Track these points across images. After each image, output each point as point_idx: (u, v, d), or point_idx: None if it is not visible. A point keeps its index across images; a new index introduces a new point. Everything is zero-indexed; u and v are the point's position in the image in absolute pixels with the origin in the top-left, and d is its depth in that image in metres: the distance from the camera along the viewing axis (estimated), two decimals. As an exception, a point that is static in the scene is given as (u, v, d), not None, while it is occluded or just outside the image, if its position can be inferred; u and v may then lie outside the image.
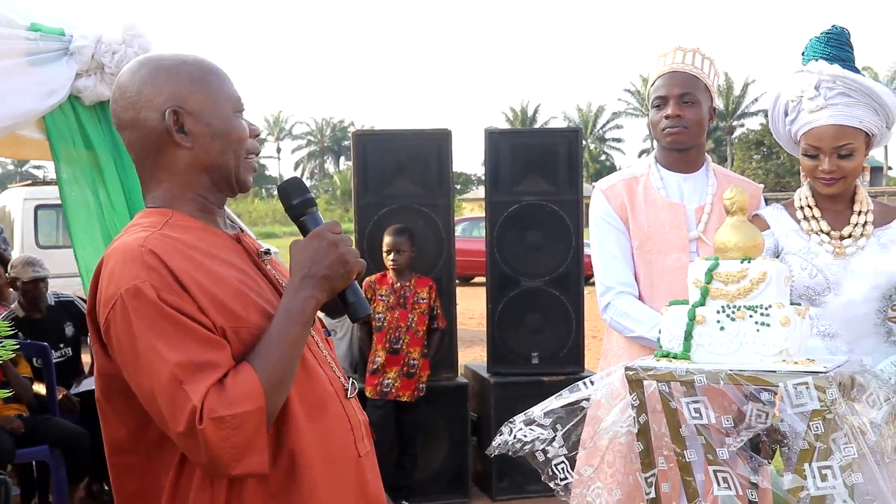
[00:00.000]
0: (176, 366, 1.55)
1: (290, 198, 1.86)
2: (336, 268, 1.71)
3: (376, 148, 5.75)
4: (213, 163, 1.79)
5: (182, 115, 1.75)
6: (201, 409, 1.53)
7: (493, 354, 5.85)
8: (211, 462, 1.57)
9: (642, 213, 3.07)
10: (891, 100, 2.80)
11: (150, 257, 1.61)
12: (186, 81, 1.77)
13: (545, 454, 2.42)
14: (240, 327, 1.66)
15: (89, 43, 4.27)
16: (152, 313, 1.58)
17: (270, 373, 1.61)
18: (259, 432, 1.58)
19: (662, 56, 3.09)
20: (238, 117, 1.82)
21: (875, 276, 2.41)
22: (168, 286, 1.59)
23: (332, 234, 1.74)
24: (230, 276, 1.71)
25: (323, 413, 1.76)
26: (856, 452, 2.15)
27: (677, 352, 2.30)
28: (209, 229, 1.79)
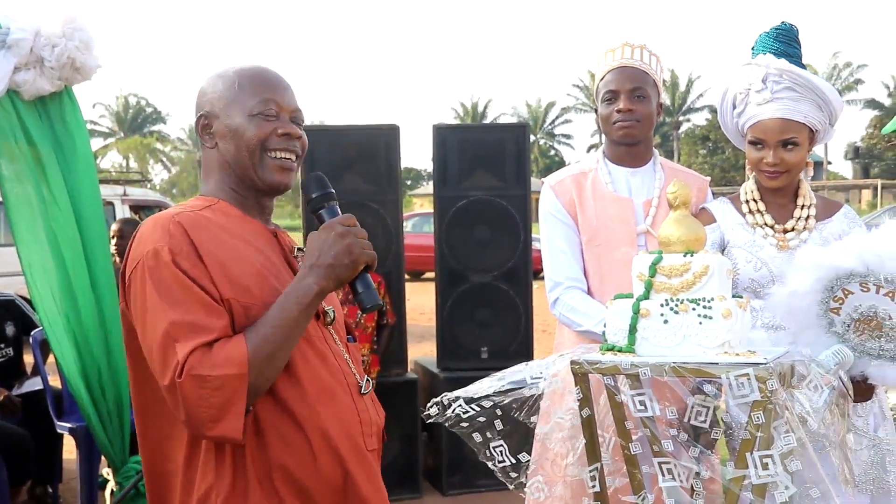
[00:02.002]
0: (172, 324, 1.67)
1: (310, 190, 1.97)
2: (341, 258, 1.80)
3: (324, 144, 5.72)
4: (231, 161, 1.92)
5: (211, 119, 1.93)
6: (184, 364, 1.64)
7: (443, 349, 5.85)
8: (188, 419, 1.68)
9: (591, 208, 3.09)
10: (834, 97, 2.85)
11: (176, 227, 1.75)
12: (219, 87, 1.94)
13: (484, 435, 2.43)
14: (251, 304, 1.77)
15: (27, 36, 4.19)
16: (164, 274, 1.71)
17: (260, 345, 1.69)
18: (238, 397, 1.66)
19: (610, 51, 3.11)
20: (259, 119, 1.91)
21: (817, 268, 2.43)
22: (185, 254, 1.73)
23: (341, 226, 1.84)
24: (254, 259, 1.84)
25: (330, 399, 1.84)
26: (795, 441, 2.18)
27: (622, 345, 2.31)
28: (248, 219, 1.93)
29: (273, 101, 1.93)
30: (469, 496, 5.66)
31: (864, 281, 2.38)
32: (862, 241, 2.44)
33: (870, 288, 2.37)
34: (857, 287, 2.39)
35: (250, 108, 1.91)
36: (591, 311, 2.96)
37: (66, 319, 4.44)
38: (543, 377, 2.42)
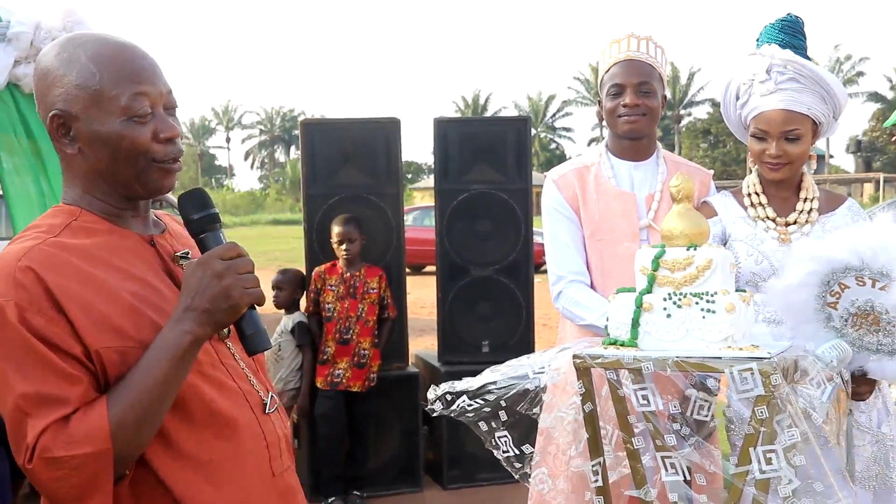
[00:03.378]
0: (21, 396, 1.47)
1: (189, 211, 1.70)
2: (218, 302, 1.56)
3: (325, 137, 5.71)
4: (104, 171, 1.66)
5: (68, 119, 1.63)
6: (34, 447, 1.45)
7: (444, 343, 5.85)
8: (52, 498, 1.52)
9: (593, 203, 3.09)
10: (839, 89, 2.84)
11: (24, 275, 1.50)
12: (74, 78, 1.62)
13: (489, 425, 2.42)
14: (127, 348, 1.55)
15: (27, 29, 4.21)
16: (11, 336, 1.48)
17: (124, 413, 1.49)
18: (102, 474, 1.48)
19: (616, 42, 3.09)
20: (136, 123, 1.63)
21: (812, 261, 2.42)
22: (37, 307, 1.49)
23: (219, 261, 1.59)
24: (125, 291, 1.59)
25: (233, 433, 1.67)
26: (798, 436, 2.18)
27: (625, 339, 2.30)
28: (117, 231, 1.68)
29: (145, 95, 1.64)
30: (469, 490, 5.66)
31: (860, 275, 2.36)
32: (856, 234, 2.43)
33: (865, 282, 2.36)
34: (852, 281, 2.38)
35: (121, 107, 1.61)
36: (594, 306, 2.95)
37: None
38: (546, 370, 2.41)
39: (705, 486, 2.35)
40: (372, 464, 5.60)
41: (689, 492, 2.30)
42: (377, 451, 5.65)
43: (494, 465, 2.49)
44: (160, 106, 1.68)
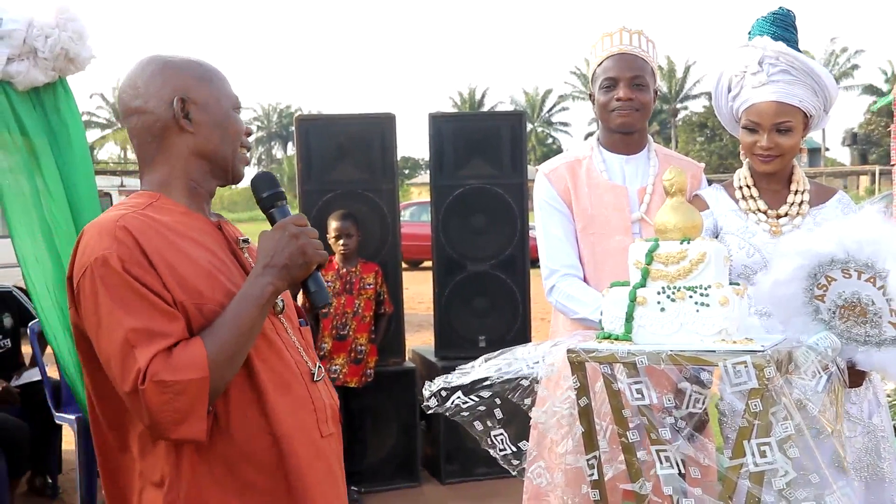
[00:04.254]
0: (130, 331, 1.65)
1: (260, 191, 1.95)
2: (295, 258, 1.81)
3: (320, 133, 5.71)
4: (212, 150, 1.92)
5: (188, 104, 1.88)
6: (145, 371, 1.63)
7: (441, 338, 5.86)
8: (152, 423, 1.68)
9: (585, 196, 3.08)
10: (830, 82, 2.84)
11: (122, 233, 1.72)
12: (193, 77, 1.91)
13: (484, 424, 2.43)
14: (203, 304, 1.76)
15: (20, 26, 4.22)
16: (116, 282, 1.69)
17: (219, 348, 1.70)
18: (200, 401, 1.67)
19: (608, 36, 3.08)
20: (236, 114, 1.96)
21: (799, 255, 2.42)
22: (135, 260, 1.70)
23: (294, 226, 1.85)
24: (201, 258, 1.82)
25: (286, 391, 1.85)
26: (793, 428, 2.18)
27: (619, 333, 2.30)
28: (192, 214, 1.90)
29: (237, 98, 1.98)
30: (467, 484, 5.67)
31: (846, 267, 2.37)
32: (841, 227, 2.44)
33: (851, 274, 2.37)
34: (839, 273, 2.38)
35: (231, 100, 1.95)
36: (587, 299, 2.95)
37: (60, 312, 4.46)
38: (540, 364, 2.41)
39: (700, 478, 2.34)
40: (370, 459, 5.61)
41: (683, 485, 2.30)
42: (375, 446, 5.66)
43: (492, 460, 2.49)
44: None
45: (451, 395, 2.45)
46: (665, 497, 2.29)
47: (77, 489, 5.36)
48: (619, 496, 2.53)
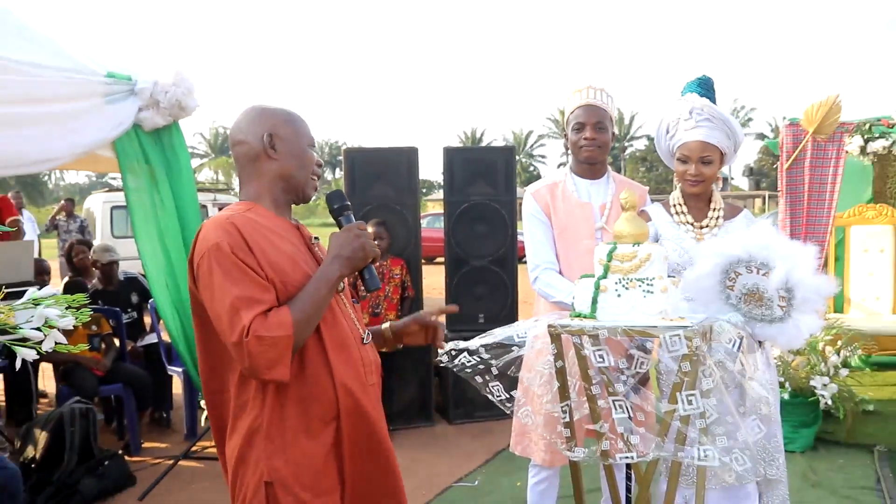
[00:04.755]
0: (236, 298, 1.70)
1: (333, 202, 1.98)
2: (357, 252, 1.85)
3: (362, 160, 5.72)
4: (290, 174, 1.93)
5: (275, 138, 1.92)
6: (249, 327, 1.68)
7: (450, 316, 5.81)
8: (251, 367, 1.71)
9: (561, 210, 3.07)
10: (739, 130, 2.87)
11: (231, 227, 1.77)
12: (280, 119, 1.95)
13: (483, 377, 2.44)
14: (287, 282, 1.79)
15: (149, 85, 4.35)
16: (227, 262, 1.73)
17: (301, 314, 1.74)
18: (286, 352, 1.71)
19: (578, 91, 3.07)
20: (311, 149, 1.98)
21: (716, 256, 2.44)
22: (240, 247, 1.75)
23: (358, 229, 1.88)
24: (286, 248, 1.84)
25: (343, 349, 1.87)
26: (713, 382, 2.18)
27: (586, 313, 2.30)
28: (278, 218, 1.93)
29: (312, 138, 2.00)
30: (470, 424, 5.67)
31: (749, 265, 2.39)
32: (746, 236, 2.47)
33: (752, 270, 2.39)
34: (744, 269, 2.40)
35: (308, 138, 1.97)
36: (562, 287, 2.94)
37: (169, 293, 4.51)
38: (527, 337, 2.42)
39: (644, 421, 2.34)
40: (395, 405, 5.61)
41: (632, 425, 2.31)
42: (399, 395, 5.66)
43: (487, 406, 2.50)
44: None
45: (458, 355, 2.46)
46: (618, 434, 2.30)
47: (183, 420, 5.53)
48: (584, 433, 2.53)
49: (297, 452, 1.81)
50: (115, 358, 5.34)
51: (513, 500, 4.19)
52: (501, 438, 5.13)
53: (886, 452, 4.77)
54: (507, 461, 4.74)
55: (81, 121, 4.09)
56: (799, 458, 4.64)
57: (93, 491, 4.26)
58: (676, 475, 2.35)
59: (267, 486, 1.79)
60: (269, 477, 1.79)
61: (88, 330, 5.24)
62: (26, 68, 3.80)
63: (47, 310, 2.12)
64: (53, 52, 4.05)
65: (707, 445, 2.18)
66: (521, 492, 4.12)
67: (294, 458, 1.80)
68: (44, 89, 3.89)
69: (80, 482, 4.22)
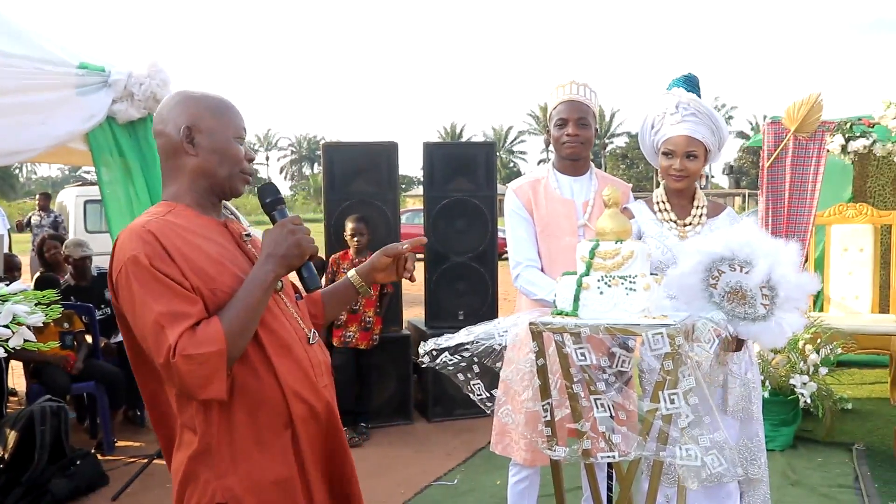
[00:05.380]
0: (159, 314, 1.58)
1: (265, 197, 1.85)
2: (292, 249, 1.72)
3: (341, 156, 5.69)
4: (211, 172, 1.80)
5: (193, 132, 1.78)
6: (174, 346, 1.55)
7: (430, 312, 5.84)
8: (182, 387, 1.61)
9: (543, 207, 3.05)
10: (723, 126, 2.86)
11: (147, 235, 1.64)
12: (202, 109, 1.80)
13: (465, 375, 2.39)
14: (216, 289, 1.67)
15: (123, 77, 4.33)
16: (145, 275, 1.61)
17: (233, 324, 1.62)
18: (220, 368, 1.59)
19: (561, 87, 3.06)
20: (238, 142, 1.82)
21: (699, 254, 2.41)
22: (159, 256, 1.62)
23: (292, 224, 1.75)
24: (212, 250, 1.72)
25: (288, 352, 1.76)
26: (694, 382, 2.18)
27: (568, 310, 2.28)
28: (202, 217, 1.80)
29: (243, 130, 1.85)
30: (448, 422, 5.66)
31: (732, 263, 2.36)
32: (729, 234, 2.45)
33: (735, 268, 2.37)
34: (727, 267, 2.38)
35: (234, 130, 1.82)
36: (544, 284, 2.93)
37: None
38: (508, 333, 2.40)
39: (625, 419, 2.34)
40: (374, 402, 5.59)
41: (613, 424, 2.30)
42: (378, 392, 5.63)
43: (467, 404, 2.47)
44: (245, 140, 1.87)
45: (439, 355, 2.43)
46: (599, 433, 2.29)
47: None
48: (565, 432, 2.52)
49: (250, 467, 1.70)
50: (88, 355, 5.28)
51: (492, 498, 4.18)
52: (481, 436, 5.12)
53: (865, 451, 4.82)
54: (486, 460, 4.73)
55: (53, 113, 4.03)
56: (778, 457, 4.67)
57: (64, 491, 4.20)
58: (658, 474, 2.35)
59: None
60: (223, 498, 1.68)
61: (60, 327, 5.17)
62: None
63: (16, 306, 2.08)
64: (24, 41, 3.98)
65: (689, 444, 2.18)
66: (501, 490, 4.12)
67: (248, 473, 1.69)
68: (13, 80, 3.83)
69: (51, 482, 4.16)
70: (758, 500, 2.92)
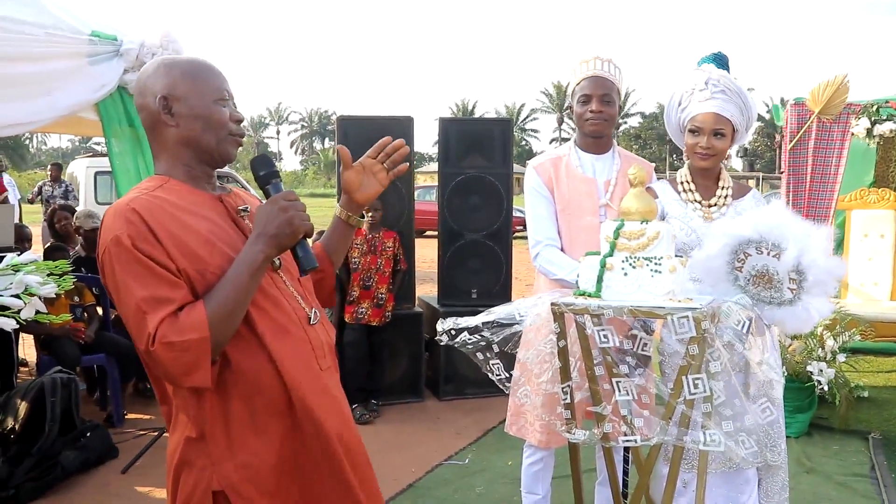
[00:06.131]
0: (140, 299, 1.52)
1: (258, 169, 1.73)
2: (283, 228, 1.62)
3: (355, 129, 5.62)
4: (195, 139, 1.71)
5: (170, 100, 1.69)
6: (154, 334, 1.50)
7: (443, 290, 5.81)
8: (165, 375, 1.56)
9: (564, 185, 3.00)
10: (753, 105, 2.80)
11: (132, 215, 1.57)
12: (178, 75, 1.70)
13: (484, 355, 2.36)
14: (204, 269, 1.59)
15: (135, 46, 4.30)
16: (128, 257, 1.54)
17: (218, 310, 1.54)
18: (204, 355, 1.52)
19: (585, 62, 2.99)
20: (220, 105, 1.71)
21: (725, 236, 2.38)
22: (143, 237, 1.55)
23: (284, 200, 1.64)
24: (202, 228, 1.64)
25: (285, 335, 1.69)
26: (720, 365, 2.14)
27: (591, 291, 2.24)
28: (195, 191, 1.72)
29: (225, 90, 1.74)
30: (459, 400, 5.65)
31: (759, 246, 2.33)
32: (757, 216, 2.41)
33: (763, 251, 2.33)
34: (754, 250, 2.34)
35: (212, 93, 1.71)
36: (564, 264, 2.88)
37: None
38: (528, 314, 2.36)
39: (648, 403, 2.30)
40: (386, 380, 5.57)
41: (635, 407, 2.26)
42: (390, 370, 5.62)
43: (478, 382, 2.45)
44: (232, 100, 1.76)
45: (459, 334, 2.39)
46: (620, 417, 2.25)
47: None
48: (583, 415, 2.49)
49: (247, 454, 1.63)
50: (99, 327, 5.28)
51: (504, 479, 4.16)
52: (492, 416, 5.11)
53: (881, 440, 4.77)
54: (498, 439, 4.72)
55: (63, 81, 4.00)
56: (793, 444, 4.64)
57: (74, 463, 4.20)
58: (678, 460, 2.31)
59: (216, 495, 1.62)
60: (219, 485, 1.62)
61: (70, 300, 5.17)
62: (5, 24, 3.69)
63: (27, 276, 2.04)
64: (35, 7, 3.93)
65: (712, 429, 2.14)
66: (513, 471, 4.10)
67: (244, 460, 1.63)
68: (24, 47, 3.78)
69: (61, 454, 4.16)
70: (776, 487, 2.88)
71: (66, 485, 4.12)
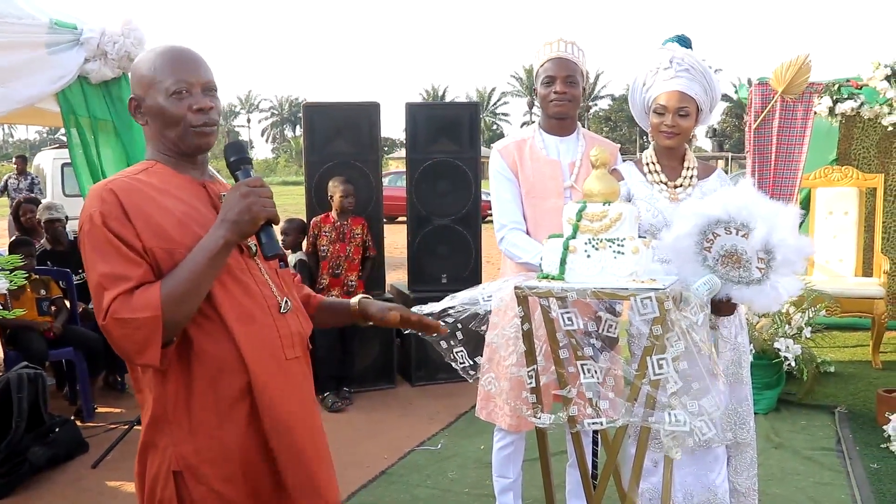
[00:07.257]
0: (101, 275, 1.57)
1: (229, 155, 1.75)
2: (242, 214, 1.62)
3: (322, 116, 5.56)
4: (160, 136, 1.75)
5: (138, 101, 1.75)
6: (108, 309, 1.54)
7: (413, 276, 5.78)
8: (119, 351, 1.59)
9: (529, 168, 2.98)
10: (716, 85, 2.80)
11: (108, 194, 1.61)
12: (142, 72, 1.75)
13: (448, 343, 2.32)
14: (173, 249, 1.62)
15: (96, 35, 4.20)
16: (97, 235, 1.59)
17: (172, 291, 1.56)
18: (154, 334, 1.55)
19: (548, 44, 2.97)
20: (175, 98, 1.70)
21: (694, 216, 2.38)
22: (114, 216, 1.59)
23: (246, 187, 1.65)
24: (177, 210, 1.67)
25: (251, 321, 1.69)
26: (683, 347, 2.14)
27: (555, 274, 2.23)
28: (179, 176, 1.75)
29: (184, 81, 1.71)
30: (431, 386, 5.65)
31: (728, 226, 2.33)
32: (726, 196, 2.41)
33: (731, 231, 2.33)
34: (722, 231, 2.34)
35: (167, 88, 1.70)
36: (529, 247, 2.87)
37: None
38: (492, 298, 2.34)
39: (613, 385, 2.30)
40: (358, 367, 5.55)
41: (600, 390, 2.26)
42: (362, 357, 5.60)
43: (450, 368, 2.39)
44: (198, 88, 1.73)
45: None
46: (586, 399, 2.25)
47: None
48: (550, 398, 2.48)
49: (207, 437, 1.64)
50: (66, 321, 5.19)
51: (476, 463, 4.16)
52: (464, 401, 5.11)
53: (847, 414, 4.85)
54: (469, 424, 4.72)
55: (21, 72, 3.90)
56: (762, 420, 4.69)
57: (42, 459, 4.14)
58: (646, 441, 2.32)
59: (176, 475, 1.64)
60: (178, 465, 1.64)
61: (37, 294, 5.07)
62: (-41, 12, 3.58)
63: (-20, 271, 1.99)
64: (-9, -6, 3.82)
65: (677, 410, 2.15)
66: (485, 455, 4.10)
67: (204, 443, 1.64)
68: (-21, 36, 3.67)
69: (29, 450, 4.10)
70: (745, 464, 2.91)
71: (35, 481, 4.05)
